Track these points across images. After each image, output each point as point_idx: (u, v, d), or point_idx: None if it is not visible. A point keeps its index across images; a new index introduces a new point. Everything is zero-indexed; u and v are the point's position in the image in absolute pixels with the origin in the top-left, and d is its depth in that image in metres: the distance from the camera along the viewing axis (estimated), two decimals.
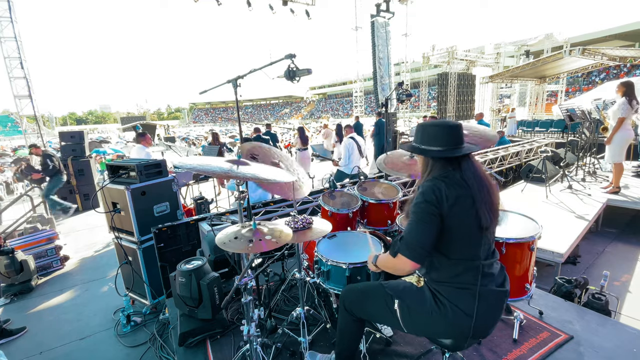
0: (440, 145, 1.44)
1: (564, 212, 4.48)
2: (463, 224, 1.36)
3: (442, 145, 1.43)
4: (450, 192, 1.35)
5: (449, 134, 1.44)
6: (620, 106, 4.71)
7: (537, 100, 19.02)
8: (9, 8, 7.96)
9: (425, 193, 1.38)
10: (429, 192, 1.37)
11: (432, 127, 1.48)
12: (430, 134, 1.47)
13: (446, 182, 1.37)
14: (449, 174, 1.40)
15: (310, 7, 13.44)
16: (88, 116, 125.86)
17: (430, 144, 1.46)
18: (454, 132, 1.45)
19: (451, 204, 1.34)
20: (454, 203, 1.34)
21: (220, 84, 2.25)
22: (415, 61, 31.90)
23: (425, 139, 1.48)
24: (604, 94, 10.42)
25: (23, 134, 9.24)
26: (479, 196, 1.36)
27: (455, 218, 1.35)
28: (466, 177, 1.38)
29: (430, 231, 1.35)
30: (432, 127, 1.48)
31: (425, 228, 1.36)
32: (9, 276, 3.69)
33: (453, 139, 1.44)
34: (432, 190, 1.36)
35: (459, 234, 1.37)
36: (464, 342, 1.49)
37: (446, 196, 1.34)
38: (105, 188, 3.04)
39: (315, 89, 78.89)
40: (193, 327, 2.37)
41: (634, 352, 2.10)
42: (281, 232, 1.71)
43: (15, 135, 34.41)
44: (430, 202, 1.35)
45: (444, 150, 1.43)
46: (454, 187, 1.36)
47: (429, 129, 1.49)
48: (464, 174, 1.39)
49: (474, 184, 1.38)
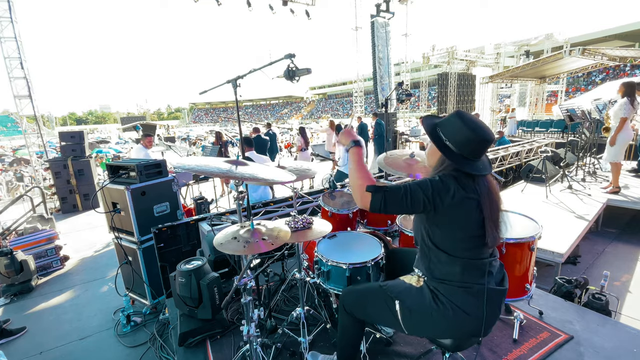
0: (463, 150, 1.36)
1: (564, 212, 4.48)
2: (466, 227, 1.36)
3: (464, 152, 1.36)
4: (458, 193, 1.33)
5: (476, 144, 1.35)
6: (622, 106, 4.71)
7: (537, 100, 19.02)
8: (9, 8, 7.94)
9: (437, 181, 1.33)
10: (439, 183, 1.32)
11: (466, 127, 1.35)
12: (461, 134, 1.35)
13: (458, 182, 1.34)
14: (461, 176, 1.37)
15: (310, 7, 13.43)
16: (88, 116, 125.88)
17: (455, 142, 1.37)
18: (483, 145, 1.36)
19: (456, 203, 1.32)
20: (459, 203, 1.33)
21: (220, 84, 2.24)
22: (415, 61, 31.92)
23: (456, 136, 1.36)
24: (604, 94, 10.41)
25: (23, 134, 9.21)
26: (488, 212, 1.35)
27: (459, 218, 1.34)
28: (479, 187, 1.36)
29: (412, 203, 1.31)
30: (467, 128, 1.35)
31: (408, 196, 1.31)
32: (9, 276, 3.69)
33: (477, 151, 1.37)
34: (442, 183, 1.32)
35: (461, 234, 1.37)
36: (464, 342, 1.49)
37: (454, 193, 1.31)
38: (105, 188, 3.04)
39: (315, 89, 78.88)
40: (193, 327, 2.37)
41: (634, 352, 2.10)
42: (279, 233, 1.70)
43: (15, 135, 34.40)
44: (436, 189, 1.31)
45: (461, 158, 1.36)
46: (464, 189, 1.34)
47: (463, 127, 1.35)
48: (478, 186, 1.37)
49: (485, 197, 1.36)
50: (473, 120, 1.37)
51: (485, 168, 1.40)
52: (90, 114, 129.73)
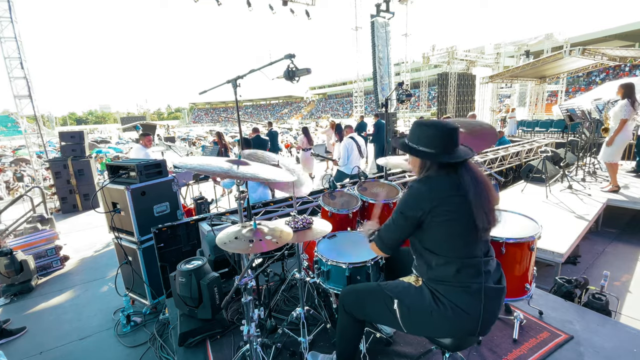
0: (435, 147, 1.42)
1: (564, 212, 4.48)
2: (455, 224, 1.37)
3: (436, 148, 1.42)
4: (435, 194, 1.37)
5: (443, 137, 1.42)
6: (623, 107, 4.72)
7: (537, 100, 19.02)
8: (9, 8, 7.94)
9: (408, 198, 1.44)
10: (410, 198, 1.42)
11: (427, 128, 1.46)
12: (426, 135, 1.45)
13: (431, 185, 1.40)
14: (443, 175, 1.41)
15: (310, 7, 13.44)
16: (88, 116, 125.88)
17: (425, 144, 1.44)
18: (449, 134, 1.43)
19: (435, 205, 1.35)
20: (439, 204, 1.35)
21: (220, 84, 2.24)
22: (415, 61, 31.91)
23: (423, 139, 1.46)
24: (604, 94, 10.42)
25: (23, 134, 9.22)
26: (476, 200, 1.36)
27: (443, 218, 1.36)
28: (463, 181, 1.38)
29: (402, 233, 1.49)
30: (428, 128, 1.46)
31: (398, 230, 1.48)
32: (9, 276, 3.69)
33: (448, 142, 1.42)
34: (414, 196, 1.42)
35: (451, 233, 1.38)
36: (464, 341, 1.49)
37: (429, 198, 1.37)
38: (105, 188, 3.04)
39: (315, 89, 78.87)
40: (193, 327, 2.37)
41: (634, 352, 2.10)
42: (281, 232, 1.71)
43: (15, 135, 34.40)
44: (410, 207, 1.41)
45: (437, 153, 1.42)
46: (441, 190, 1.37)
47: (424, 128, 1.47)
48: (461, 177, 1.38)
49: (471, 188, 1.37)
50: (432, 121, 1.50)
51: (467, 153, 1.44)
52: (90, 114, 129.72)
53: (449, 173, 1.41)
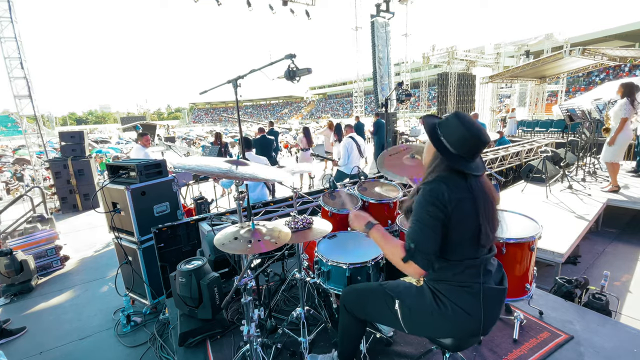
0: (458, 149, 1.37)
1: (564, 212, 4.48)
2: (463, 228, 1.35)
3: (458, 150, 1.37)
4: (453, 195, 1.32)
5: (472, 144, 1.36)
6: (623, 107, 4.72)
7: (537, 100, 19.03)
8: (9, 8, 7.94)
9: (430, 196, 1.33)
10: (433, 195, 1.32)
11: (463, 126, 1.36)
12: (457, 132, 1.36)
13: (448, 185, 1.34)
14: (453, 176, 1.37)
15: (310, 7, 13.43)
16: (88, 116, 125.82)
17: (451, 141, 1.37)
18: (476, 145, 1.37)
19: (453, 208, 1.31)
20: (455, 207, 1.32)
21: (220, 84, 2.24)
22: (415, 61, 31.92)
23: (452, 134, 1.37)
24: (604, 94, 10.41)
25: (23, 134, 9.21)
26: (483, 211, 1.35)
27: (456, 222, 1.33)
28: (472, 186, 1.36)
29: (437, 236, 1.33)
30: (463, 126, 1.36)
31: (432, 234, 1.32)
32: (9, 276, 3.69)
33: (473, 150, 1.38)
34: (435, 194, 1.32)
35: (459, 237, 1.36)
36: (465, 341, 1.49)
37: (449, 199, 1.31)
38: (105, 188, 3.04)
39: (315, 89, 78.86)
40: (193, 327, 2.37)
41: (634, 352, 2.10)
42: (280, 233, 1.70)
43: (15, 135, 34.37)
44: (436, 205, 1.31)
45: (457, 156, 1.37)
46: (456, 191, 1.33)
47: (459, 124, 1.36)
48: (470, 182, 1.37)
49: (479, 195, 1.36)
50: (470, 121, 1.38)
51: (479, 169, 1.41)
52: (90, 114, 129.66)
53: (459, 176, 1.37)
